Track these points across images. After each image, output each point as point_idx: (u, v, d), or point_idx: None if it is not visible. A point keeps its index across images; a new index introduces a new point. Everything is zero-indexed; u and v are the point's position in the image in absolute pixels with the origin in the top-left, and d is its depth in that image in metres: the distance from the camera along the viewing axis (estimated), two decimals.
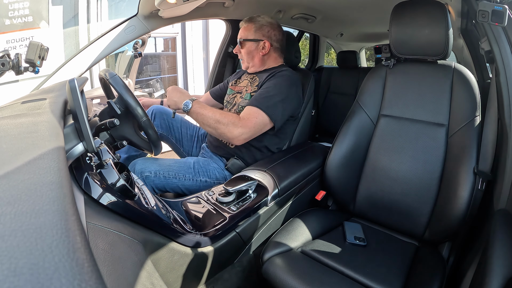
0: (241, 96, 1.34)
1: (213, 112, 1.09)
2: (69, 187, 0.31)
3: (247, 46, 1.30)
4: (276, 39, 1.32)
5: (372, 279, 0.83)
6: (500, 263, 0.62)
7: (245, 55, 1.32)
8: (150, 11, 1.23)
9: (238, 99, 1.34)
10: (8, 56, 0.88)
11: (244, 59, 1.33)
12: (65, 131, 0.54)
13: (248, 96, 1.29)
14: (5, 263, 0.20)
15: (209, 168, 1.23)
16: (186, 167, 1.19)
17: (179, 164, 1.19)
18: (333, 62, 5.33)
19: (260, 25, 1.29)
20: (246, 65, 1.35)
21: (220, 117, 1.08)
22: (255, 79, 1.32)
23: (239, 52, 1.34)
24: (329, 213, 1.17)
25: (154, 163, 1.14)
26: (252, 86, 1.31)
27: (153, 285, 0.53)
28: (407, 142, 1.09)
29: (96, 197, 0.55)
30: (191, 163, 1.21)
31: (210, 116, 1.07)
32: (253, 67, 1.34)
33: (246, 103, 1.24)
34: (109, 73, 0.86)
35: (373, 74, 1.21)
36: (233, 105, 1.35)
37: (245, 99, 1.30)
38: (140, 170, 1.10)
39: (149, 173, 1.10)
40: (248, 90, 1.31)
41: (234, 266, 0.93)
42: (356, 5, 1.72)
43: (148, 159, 1.17)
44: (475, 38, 1.52)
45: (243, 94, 1.34)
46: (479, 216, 0.93)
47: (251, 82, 1.33)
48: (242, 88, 1.37)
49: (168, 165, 1.16)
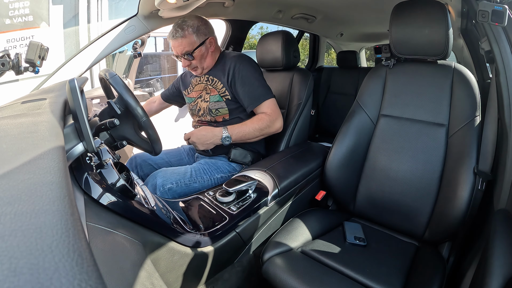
0: (205, 100, 1.31)
1: (248, 126, 1.20)
2: (69, 187, 0.31)
3: (197, 54, 1.24)
4: (210, 30, 1.28)
5: (372, 279, 0.83)
6: (500, 263, 0.62)
7: (197, 62, 1.27)
8: (150, 11, 1.23)
9: (202, 103, 1.32)
10: (8, 56, 0.88)
11: (198, 67, 1.28)
12: (65, 131, 0.54)
13: (217, 97, 1.28)
14: (5, 263, 0.20)
15: (218, 165, 1.26)
16: (200, 170, 1.21)
17: (194, 169, 1.21)
18: (333, 62, 5.33)
19: (196, 28, 1.23)
20: (200, 71, 1.30)
21: (258, 125, 1.20)
22: (213, 80, 1.30)
23: (188, 65, 1.28)
24: (329, 213, 1.17)
25: (173, 174, 1.15)
26: (215, 87, 1.29)
27: (153, 285, 0.52)
28: (407, 142, 1.09)
29: (96, 197, 0.55)
30: (202, 165, 1.24)
31: (251, 132, 1.20)
32: (206, 68, 1.30)
33: (221, 105, 1.27)
34: (109, 73, 0.86)
35: (373, 74, 1.21)
36: (199, 110, 1.34)
37: (215, 101, 1.28)
38: (162, 184, 1.10)
39: (171, 185, 1.11)
40: (213, 92, 1.29)
41: (234, 266, 0.93)
42: (356, 5, 1.73)
43: (166, 171, 1.16)
44: (475, 38, 1.53)
45: (205, 97, 1.31)
46: (479, 216, 0.93)
47: (210, 85, 1.30)
48: (200, 92, 1.34)
49: (185, 172, 1.17)
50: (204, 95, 1.32)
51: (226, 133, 1.18)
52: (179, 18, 1.24)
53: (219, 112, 1.29)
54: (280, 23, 1.89)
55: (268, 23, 1.89)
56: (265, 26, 6.87)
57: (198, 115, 1.37)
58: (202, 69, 1.30)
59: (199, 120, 1.38)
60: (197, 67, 1.29)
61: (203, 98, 1.33)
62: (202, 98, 1.33)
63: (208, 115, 1.31)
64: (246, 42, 2.65)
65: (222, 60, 1.32)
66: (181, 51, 1.23)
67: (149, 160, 1.34)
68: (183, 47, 1.22)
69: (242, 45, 1.97)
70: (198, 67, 1.29)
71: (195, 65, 1.28)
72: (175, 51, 1.25)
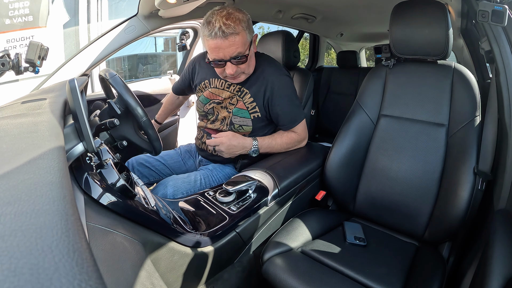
0: (227, 109, 1.16)
1: (278, 141, 1.18)
2: (69, 187, 0.31)
3: (250, 56, 1.03)
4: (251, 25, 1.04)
5: (372, 279, 0.83)
6: (500, 263, 0.62)
7: (246, 67, 1.05)
8: (150, 11, 1.23)
9: (223, 111, 1.17)
10: (8, 56, 0.89)
11: (244, 71, 1.07)
12: (65, 131, 0.54)
13: (244, 113, 1.14)
14: (5, 263, 0.20)
15: (226, 171, 1.22)
16: (209, 177, 1.17)
17: (203, 176, 1.16)
18: (333, 62, 5.34)
19: (247, 23, 0.99)
20: (243, 78, 1.10)
21: (286, 142, 1.19)
22: (243, 92, 1.13)
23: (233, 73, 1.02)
24: (329, 213, 1.17)
25: (183, 183, 1.10)
26: (243, 100, 1.14)
27: (153, 285, 0.52)
28: (407, 142, 1.09)
29: (96, 197, 0.55)
30: (211, 171, 1.19)
31: (278, 147, 1.19)
32: (247, 74, 1.10)
33: (246, 122, 1.15)
34: (109, 73, 0.86)
35: (373, 74, 1.21)
36: (213, 116, 1.20)
37: (241, 117, 1.15)
38: (173, 194, 1.06)
39: (182, 195, 1.07)
40: (239, 105, 1.14)
41: (234, 266, 0.93)
42: (356, 5, 1.73)
43: (176, 180, 1.10)
44: (475, 38, 1.52)
45: (228, 106, 1.16)
46: (479, 216, 0.93)
47: (240, 97, 1.14)
48: (220, 98, 1.18)
49: (195, 181, 1.13)
50: (227, 104, 1.16)
51: (256, 147, 1.13)
52: (213, 9, 0.99)
53: (242, 128, 1.17)
54: (280, 23, 1.89)
55: (268, 23, 1.89)
56: (266, 26, 6.89)
57: (209, 120, 1.22)
58: (245, 76, 1.09)
59: (209, 128, 1.23)
60: (242, 74, 1.07)
61: (225, 106, 1.17)
62: (223, 105, 1.17)
63: (227, 127, 1.18)
64: None
65: (257, 69, 1.13)
66: (233, 52, 0.97)
67: (146, 163, 1.26)
68: (236, 47, 0.96)
69: None
70: (244, 74, 1.08)
71: (241, 71, 1.05)
72: (222, 53, 0.97)
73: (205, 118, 1.25)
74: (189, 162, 1.36)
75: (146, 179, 1.25)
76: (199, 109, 1.27)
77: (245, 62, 1.03)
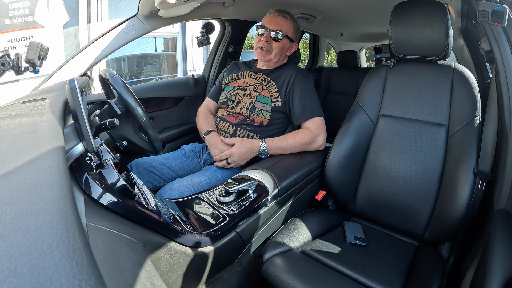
0: (250, 95, 1.29)
1: (289, 141, 1.19)
2: (69, 187, 0.31)
3: (284, 42, 1.27)
4: (299, 39, 1.36)
5: (372, 279, 0.83)
6: (500, 263, 0.62)
7: (277, 49, 1.28)
8: (150, 11, 1.23)
9: (246, 98, 1.29)
10: (8, 56, 0.89)
11: (273, 53, 1.28)
12: (65, 131, 0.54)
13: (267, 100, 1.27)
14: (5, 263, 0.20)
15: (229, 170, 1.21)
16: (213, 178, 1.16)
17: (207, 178, 1.16)
18: (333, 62, 5.34)
19: (297, 28, 1.30)
20: (269, 58, 1.29)
21: (299, 140, 1.19)
22: (269, 82, 1.29)
23: (266, 42, 1.26)
24: (329, 213, 1.17)
25: (188, 186, 1.10)
26: (268, 89, 1.28)
27: (153, 285, 0.52)
28: (407, 142, 1.09)
29: (96, 197, 0.55)
30: (215, 172, 1.19)
31: (290, 147, 1.20)
32: (273, 62, 1.32)
33: (267, 108, 1.25)
34: (109, 73, 0.86)
35: (373, 74, 1.21)
36: (235, 103, 1.30)
37: (263, 103, 1.27)
38: (178, 197, 1.04)
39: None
40: (264, 93, 1.28)
41: (234, 266, 0.93)
42: (356, 5, 1.73)
43: (181, 183, 1.10)
44: (475, 38, 1.53)
45: (251, 93, 1.29)
46: (479, 216, 0.93)
47: (265, 85, 1.29)
48: (245, 85, 1.32)
49: (200, 183, 1.12)
50: (251, 91, 1.30)
51: (264, 148, 1.18)
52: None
53: (261, 113, 1.26)
54: None
55: None
56: None
57: (229, 106, 1.32)
58: (271, 59, 1.30)
59: (227, 115, 1.31)
60: (269, 52, 1.28)
61: (249, 93, 1.30)
62: (247, 92, 1.30)
63: (247, 111, 1.26)
64: (246, 42, 2.65)
65: (283, 67, 1.34)
66: (276, 26, 1.25)
67: (150, 167, 1.24)
68: (281, 26, 1.25)
69: (242, 45, 1.97)
70: (271, 53, 1.28)
71: (272, 49, 1.28)
72: (269, 24, 1.26)
73: (223, 106, 1.35)
74: (194, 161, 1.37)
75: (151, 184, 1.23)
76: (221, 98, 1.38)
77: (279, 42, 1.26)
